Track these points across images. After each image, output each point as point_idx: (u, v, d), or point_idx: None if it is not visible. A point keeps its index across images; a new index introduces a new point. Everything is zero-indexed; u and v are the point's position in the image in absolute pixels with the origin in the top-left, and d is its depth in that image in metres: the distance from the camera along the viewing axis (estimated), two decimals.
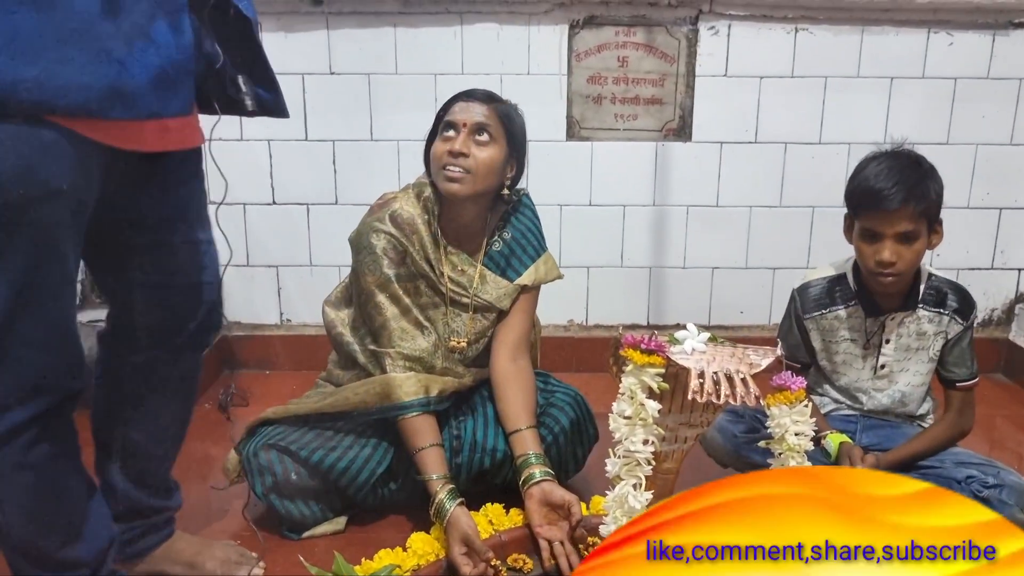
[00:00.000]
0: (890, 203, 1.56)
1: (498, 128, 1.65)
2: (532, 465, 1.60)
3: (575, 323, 2.69)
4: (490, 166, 1.64)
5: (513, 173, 1.72)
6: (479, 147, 1.63)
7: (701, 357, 1.28)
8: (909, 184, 1.56)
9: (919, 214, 1.57)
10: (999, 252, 2.65)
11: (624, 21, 2.45)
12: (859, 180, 1.62)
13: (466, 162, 1.61)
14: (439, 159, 1.63)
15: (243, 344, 2.65)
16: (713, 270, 2.65)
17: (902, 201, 1.55)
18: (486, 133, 1.63)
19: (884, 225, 1.58)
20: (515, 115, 1.70)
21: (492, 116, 1.65)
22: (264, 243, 2.60)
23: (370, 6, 2.41)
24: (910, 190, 1.55)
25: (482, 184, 1.64)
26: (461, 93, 1.69)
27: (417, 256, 1.68)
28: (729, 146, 2.54)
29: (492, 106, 1.66)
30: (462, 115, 1.64)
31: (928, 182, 1.58)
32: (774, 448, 1.31)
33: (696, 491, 0.76)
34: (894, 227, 1.57)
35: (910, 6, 2.40)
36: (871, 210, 1.59)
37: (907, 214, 1.56)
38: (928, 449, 1.70)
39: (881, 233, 1.59)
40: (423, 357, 1.68)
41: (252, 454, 1.68)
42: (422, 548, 1.58)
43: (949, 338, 1.72)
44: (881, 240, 1.59)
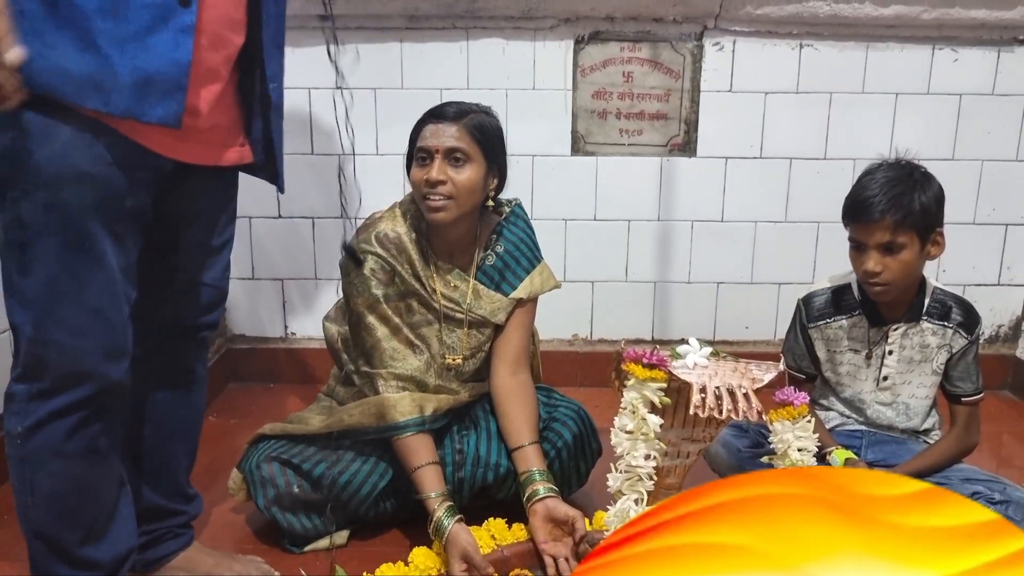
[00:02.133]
0: (870, 214, 1.57)
1: (472, 146, 1.62)
2: (536, 481, 1.59)
3: (579, 337, 2.68)
4: (470, 187, 1.62)
5: (496, 182, 1.71)
6: (456, 170, 1.61)
7: (703, 372, 1.28)
8: (892, 195, 1.56)
9: (900, 225, 1.56)
10: (1005, 268, 2.64)
11: (629, 37, 2.46)
12: (853, 189, 1.64)
13: (445, 188, 1.60)
14: (418, 188, 1.63)
15: (247, 357, 2.66)
16: (718, 285, 2.64)
17: (881, 212, 1.56)
18: (460, 154, 1.61)
19: (865, 235, 1.60)
20: (488, 123, 1.66)
21: (463, 136, 1.61)
22: (269, 256, 2.61)
23: (376, 21, 2.43)
24: (892, 201, 1.56)
25: (466, 205, 1.63)
26: (429, 114, 1.66)
27: (406, 275, 1.67)
28: (734, 161, 2.54)
29: (462, 124, 1.62)
30: (433, 140, 1.61)
31: (914, 193, 1.57)
32: (777, 464, 1.31)
33: (696, 491, 0.76)
34: (874, 237, 1.58)
35: (915, 22, 2.40)
36: (855, 220, 1.61)
37: (886, 225, 1.56)
38: (935, 465, 1.69)
39: (864, 243, 1.60)
40: (415, 376, 1.67)
41: (255, 466, 1.68)
42: (423, 563, 1.57)
43: (953, 352, 1.71)
44: (866, 250, 1.60)
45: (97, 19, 1.08)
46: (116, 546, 1.31)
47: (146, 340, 1.37)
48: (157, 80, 1.13)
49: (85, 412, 1.21)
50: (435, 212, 1.61)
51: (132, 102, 1.12)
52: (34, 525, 1.25)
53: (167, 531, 1.51)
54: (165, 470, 1.49)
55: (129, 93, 1.11)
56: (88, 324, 1.18)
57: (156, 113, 1.14)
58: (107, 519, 1.30)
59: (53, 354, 1.17)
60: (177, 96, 1.15)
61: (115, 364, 1.22)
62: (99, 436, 1.24)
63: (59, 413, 1.19)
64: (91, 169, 1.13)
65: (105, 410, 1.24)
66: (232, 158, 1.34)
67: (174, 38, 1.13)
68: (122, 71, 1.10)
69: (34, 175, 1.11)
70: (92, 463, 1.25)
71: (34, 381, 1.19)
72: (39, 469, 1.22)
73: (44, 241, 1.13)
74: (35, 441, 1.20)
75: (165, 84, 1.14)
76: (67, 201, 1.12)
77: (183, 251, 1.36)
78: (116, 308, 1.20)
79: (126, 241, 1.20)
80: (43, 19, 1.06)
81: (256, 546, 1.71)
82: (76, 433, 1.21)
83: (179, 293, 1.39)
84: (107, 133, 1.13)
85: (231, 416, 2.40)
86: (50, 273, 1.14)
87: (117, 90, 1.11)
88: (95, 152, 1.13)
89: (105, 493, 1.29)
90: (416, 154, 1.65)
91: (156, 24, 1.11)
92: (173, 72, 1.14)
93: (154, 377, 1.42)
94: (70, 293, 1.16)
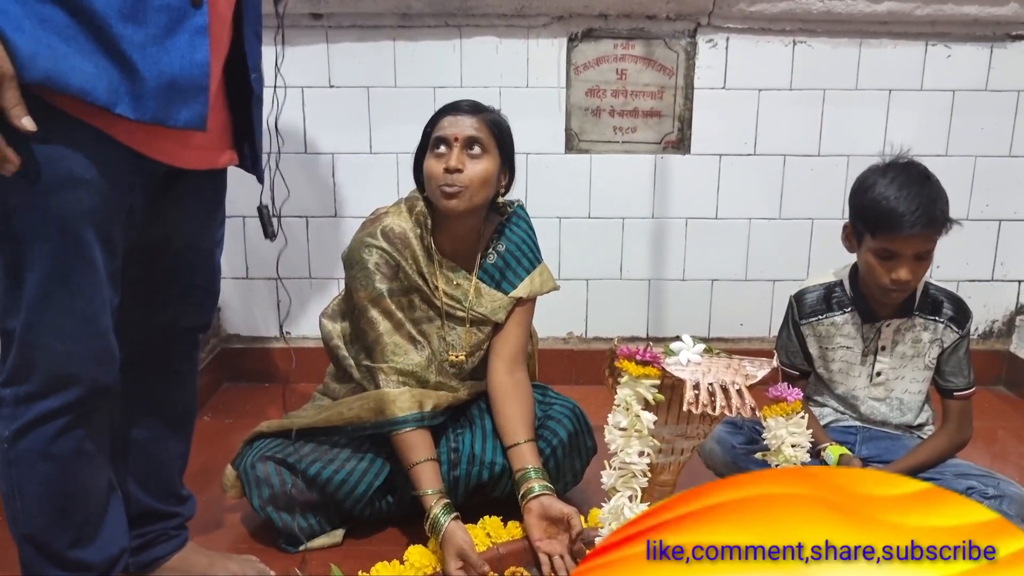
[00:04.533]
0: (913, 229, 1.55)
1: (489, 139, 1.65)
2: (531, 479, 1.59)
3: (574, 335, 2.69)
4: (485, 178, 1.64)
5: (507, 181, 1.73)
6: (473, 161, 1.63)
7: (696, 368, 1.28)
8: (930, 210, 1.55)
9: (935, 233, 1.57)
10: (999, 264, 2.65)
11: (623, 34, 2.46)
12: (874, 198, 1.59)
13: (461, 177, 1.61)
14: (435, 176, 1.63)
15: (242, 357, 2.65)
16: (712, 282, 2.65)
17: (924, 224, 1.55)
18: (478, 146, 1.63)
19: (904, 247, 1.57)
20: (503, 123, 1.70)
21: (482, 128, 1.64)
22: (264, 256, 2.61)
23: (369, 20, 2.42)
24: (932, 216, 1.55)
25: (479, 197, 1.64)
26: (447, 107, 1.69)
27: (410, 270, 1.67)
28: (728, 158, 2.54)
29: (480, 117, 1.65)
30: (452, 129, 1.63)
31: (941, 202, 1.58)
32: (771, 460, 1.31)
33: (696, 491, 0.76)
34: (914, 249, 1.57)
35: (908, 19, 2.41)
36: (890, 232, 1.57)
37: (927, 237, 1.57)
38: (929, 460, 1.69)
39: (899, 253, 1.58)
40: (416, 372, 1.67)
41: (249, 466, 1.68)
42: (419, 561, 1.57)
43: (945, 347, 1.71)
44: (898, 259, 1.58)
45: (118, 24, 1.06)
46: (107, 547, 1.30)
47: (138, 342, 1.36)
48: (181, 83, 1.12)
49: (73, 415, 1.20)
50: (450, 199, 1.61)
51: (159, 108, 1.11)
52: (24, 528, 1.25)
53: (161, 533, 1.50)
54: (158, 472, 1.49)
55: (155, 98, 1.11)
56: (78, 329, 1.17)
57: (182, 117, 1.14)
58: (97, 521, 1.29)
59: (42, 358, 1.16)
60: (201, 98, 1.15)
61: (104, 369, 1.21)
62: (87, 439, 1.23)
63: (47, 416, 1.18)
64: (86, 174, 1.12)
65: (93, 413, 1.23)
66: (226, 160, 1.34)
67: (190, 40, 1.13)
68: (148, 76, 1.09)
69: (27, 180, 1.10)
70: (80, 466, 1.24)
71: (22, 385, 1.18)
72: (27, 472, 1.21)
73: (36, 246, 1.13)
74: (23, 444, 1.19)
75: (189, 86, 1.13)
76: (61, 206, 1.11)
77: (175, 253, 1.36)
78: (104, 313, 1.20)
79: (115, 246, 1.20)
80: (65, 26, 1.05)
81: (252, 546, 1.71)
82: (64, 436, 1.20)
83: (171, 295, 1.39)
84: (102, 137, 1.12)
85: (226, 416, 2.39)
86: (42, 278, 1.14)
87: (145, 96, 1.10)
88: (90, 157, 1.12)
89: (94, 495, 1.29)
90: (433, 145, 1.65)
91: (173, 26, 1.11)
92: (195, 74, 1.14)
93: (146, 379, 1.41)
94: (61, 298, 1.15)
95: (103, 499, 1.30)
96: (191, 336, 1.46)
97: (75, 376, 1.18)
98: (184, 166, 1.25)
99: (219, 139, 1.31)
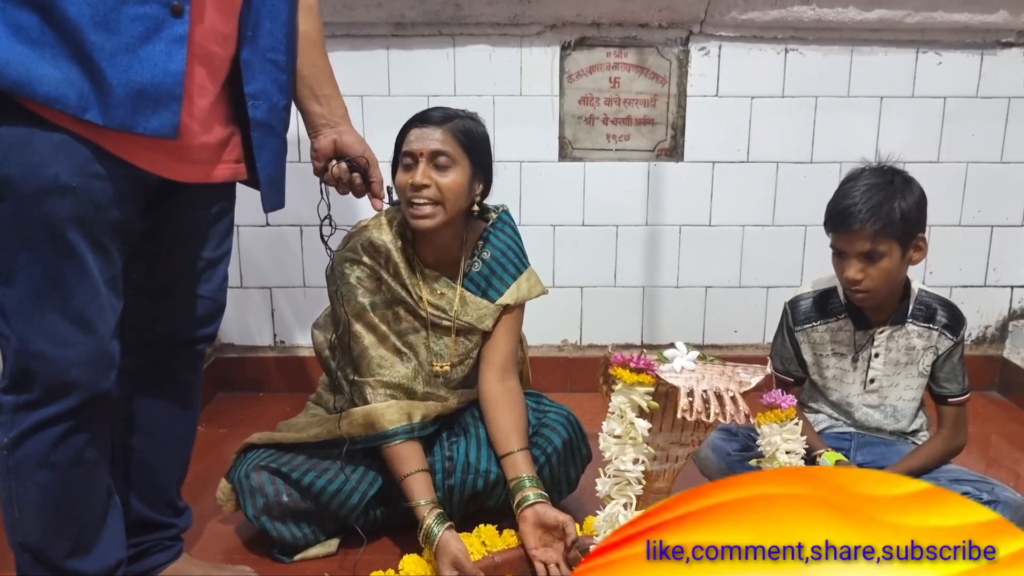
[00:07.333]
0: (850, 223, 1.57)
1: (457, 149, 1.62)
2: (525, 488, 1.59)
3: (568, 343, 2.69)
4: (455, 191, 1.62)
5: (481, 188, 1.71)
6: (441, 174, 1.61)
7: (690, 375, 1.28)
8: (872, 204, 1.56)
9: (880, 234, 1.57)
10: (991, 269, 2.65)
11: (615, 42, 2.46)
12: (834, 196, 1.64)
13: (430, 192, 1.60)
14: (403, 192, 1.62)
15: (236, 365, 2.64)
16: (706, 289, 2.65)
17: (861, 222, 1.56)
18: (444, 158, 1.61)
19: (846, 244, 1.60)
20: (474, 128, 1.67)
21: (448, 139, 1.62)
22: (258, 264, 2.60)
23: (363, 29, 2.43)
24: (872, 210, 1.56)
25: (452, 210, 1.63)
26: (414, 118, 1.67)
27: (392, 283, 1.67)
28: (721, 166, 2.55)
29: (447, 128, 1.63)
30: (418, 144, 1.61)
31: (894, 201, 1.57)
32: (765, 467, 1.31)
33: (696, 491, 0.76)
34: (855, 246, 1.59)
35: (899, 26, 2.42)
36: (835, 229, 1.62)
37: (866, 234, 1.57)
38: (924, 466, 1.70)
39: (844, 251, 1.61)
40: (403, 384, 1.67)
41: (243, 475, 1.67)
42: (414, 570, 1.57)
43: (939, 353, 1.72)
44: (847, 258, 1.61)
45: (91, 32, 1.07)
46: (104, 558, 1.30)
47: (142, 352, 1.36)
48: (150, 91, 1.12)
49: (72, 423, 1.20)
50: (420, 219, 1.61)
51: (127, 115, 1.12)
52: (21, 536, 1.25)
53: (156, 544, 1.50)
54: (156, 483, 1.48)
55: (123, 106, 1.11)
56: (73, 335, 1.17)
57: (152, 125, 1.14)
58: (95, 531, 1.29)
59: (39, 365, 1.17)
60: (172, 106, 1.15)
61: (102, 374, 1.21)
62: (86, 447, 1.23)
63: (45, 424, 1.19)
64: (71, 180, 1.12)
65: (92, 421, 1.23)
66: (223, 175, 1.33)
67: (167, 48, 1.13)
68: (115, 84, 1.10)
69: (11, 186, 1.10)
70: (79, 474, 1.24)
71: (21, 392, 1.18)
72: (25, 480, 1.21)
73: (25, 252, 1.13)
74: (21, 452, 1.19)
75: (159, 95, 1.13)
76: (47, 212, 1.11)
77: (178, 263, 1.36)
78: (101, 318, 1.19)
79: (110, 252, 1.20)
80: (39, 32, 1.06)
81: (246, 556, 1.70)
82: (63, 444, 1.20)
83: (175, 305, 1.39)
84: (89, 145, 1.13)
85: (220, 425, 2.38)
86: (32, 284, 1.14)
87: (112, 103, 1.10)
88: (76, 164, 1.12)
89: (93, 504, 1.28)
90: (401, 159, 1.64)
91: (149, 35, 1.11)
92: (166, 82, 1.14)
93: (149, 389, 1.41)
94: (54, 304, 1.15)
95: (102, 508, 1.30)
96: (195, 347, 1.46)
97: (73, 383, 1.18)
98: (175, 178, 1.24)
99: (215, 153, 1.30)
